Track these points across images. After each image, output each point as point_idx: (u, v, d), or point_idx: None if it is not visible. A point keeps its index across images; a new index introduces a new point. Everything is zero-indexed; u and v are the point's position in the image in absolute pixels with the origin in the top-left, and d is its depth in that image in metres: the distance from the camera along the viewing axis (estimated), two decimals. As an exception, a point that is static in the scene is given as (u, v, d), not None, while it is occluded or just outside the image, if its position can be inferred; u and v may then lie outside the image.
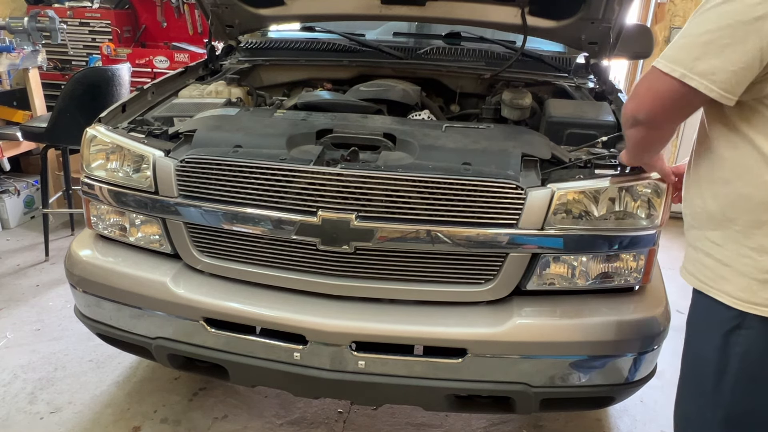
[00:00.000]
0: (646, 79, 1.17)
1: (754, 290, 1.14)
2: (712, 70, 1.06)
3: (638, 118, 1.20)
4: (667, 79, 1.11)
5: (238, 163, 1.65)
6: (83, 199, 1.97)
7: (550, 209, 1.59)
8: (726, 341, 1.20)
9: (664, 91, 1.13)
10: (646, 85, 1.17)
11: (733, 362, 1.20)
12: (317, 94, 2.39)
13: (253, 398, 2.41)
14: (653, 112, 1.17)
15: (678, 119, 1.21)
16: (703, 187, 1.24)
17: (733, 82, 1.07)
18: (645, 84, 1.17)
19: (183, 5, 4.88)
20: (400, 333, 1.65)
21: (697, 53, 1.07)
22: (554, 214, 1.60)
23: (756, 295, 1.15)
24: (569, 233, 1.61)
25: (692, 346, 1.33)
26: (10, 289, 3.27)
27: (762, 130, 1.12)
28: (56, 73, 4.75)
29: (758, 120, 1.12)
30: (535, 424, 2.32)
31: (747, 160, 1.14)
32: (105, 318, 1.90)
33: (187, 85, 2.43)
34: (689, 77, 1.08)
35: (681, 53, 1.10)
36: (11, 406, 2.33)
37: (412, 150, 1.70)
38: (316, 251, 1.67)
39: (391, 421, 2.31)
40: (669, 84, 1.11)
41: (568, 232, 1.61)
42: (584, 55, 2.66)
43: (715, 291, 1.21)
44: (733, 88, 1.08)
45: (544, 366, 1.66)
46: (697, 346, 1.30)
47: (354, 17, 2.71)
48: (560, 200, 1.59)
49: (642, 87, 1.18)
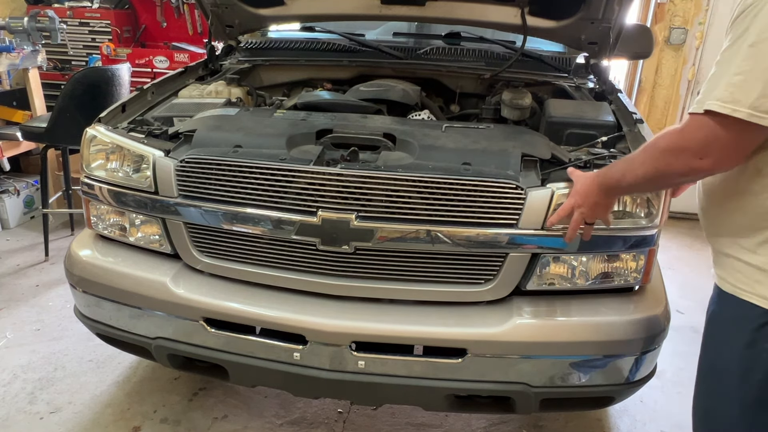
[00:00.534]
0: (701, 131, 1.11)
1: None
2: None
3: (715, 172, 1.19)
4: (728, 123, 1.07)
5: (238, 163, 1.65)
6: (83, 199, 1.97)
7: (550, 209, 1.59)
8: (755, 337, 1.20)
9: (730, 139, 1.09)
10: (711, 139, 1.10)
11: (763, 357, 1.20)
12: (317, 94, 2.39)
13: (253, 398, 2.41)
14: (729, 161, 1.14)
15: (743, 158, 1.17)
16: (736, 199, 1.24)
17: None
18: (707, 138, 1.11)
19: (183, 5, 4.88)
20: (400, 333, 1.65)
21: (761, 90, 1.03)
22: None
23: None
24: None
25: (717, 344, 1.33)
26: (10, 289, 3.27)
27: None
28: (56, 73, 4.75)
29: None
30: (535, 424, 2.32)
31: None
32: (105, 318, 1.91)
33: (187, 85, 2.43)
34: (757, 117, 1.04)
35: (738, 92, 1.05)
36: (11, 406, 2.33)
37: (412, 150, 1.70)
38: (316, 251, 1.67)
39: (391, 421, 2.31)
40: (731, 129, 1.07)
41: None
42: (584, 55, 2.66)
43: (749, 295, 1.21)
44: None
45: (544, 366, 1.66)
46: (723, 344, 1.30)
47: (354, 17, 2.71)
48: (560, 200, 1.59)
49: (709, 143, 1.11)
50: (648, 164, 1.25)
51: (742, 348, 1.22)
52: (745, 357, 1.22)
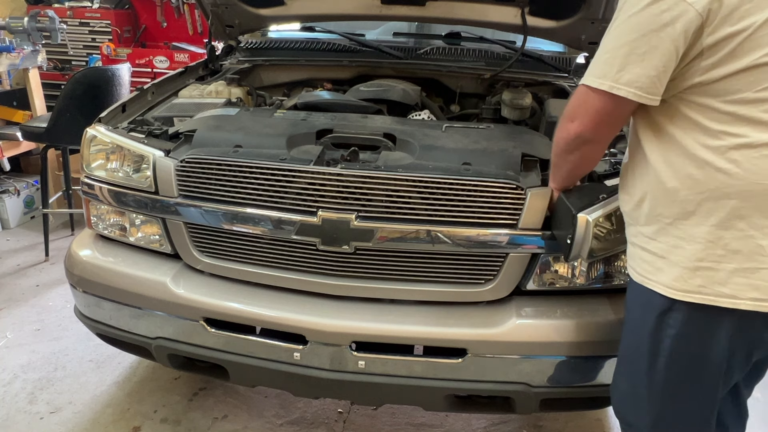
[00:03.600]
0: (577, 99, 1.25)
1: (686, 278, 1.21)
2: (636, 78, 1.15)
3: (586, 137, 1.27)
4: (598, 94, 1.20)
5: (238, 163, 1.65)
6: (83, 199, 1.97)
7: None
8: (658, 323, 1.28)
9: (599, 107, 1.21)
10: (581, 104, 1.24)
11: (665, 343, 1.28)
12: (317, 94, 2.39)
13: (253, 398, 2.41)
14: (597, 127, 1.25)
15: (617, 128, 1.29)
16: (636, 186, 1.31)
17: (657, 84, 1.16)
18: (579, 104, 1.25)
19: (183, 5, 4.88)
20: (400, 333, 1.65)
21: (619, 65, 1.16)
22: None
23: (687, 283, 1.21)
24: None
25: (629, 329, 1.41)
26: (10, 289, 3.27)
27: (682, 125, 1.19)
28: (56, 73, 4.75)
29: (679, 117, 1.20)
30: (535, 424, 2.32)
31: (671, 155, 1.21)
32: (105, 318, 1.90)
33: (187, 85, 2.43)
34: (617, 88, 1.17)
35: (605, 68, 1.18)
36: (11, 406, 2.33)
37: (412, 150, 1.70)
38: (316, 251, 1.67)
39: (391, 421, 2.31)
40: (600, 98, 1.20)
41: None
42: (584, 55, 2.66)
43: (652, 283, 1.27)
44: (657, 89, 1.16)
45: (544, 366, 1.66)
46: (634, 329, 1.37)
47: (354, 17, 2.71)
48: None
49: (577, 108, 1.25)
50: (554, 137, 1.37)
51: (649, 333, 1.30)
52: (651, 342, 1.31)
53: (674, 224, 1.22)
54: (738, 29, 1.08)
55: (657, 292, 1.26)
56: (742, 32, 1.08)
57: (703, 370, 1.28)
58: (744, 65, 1.10)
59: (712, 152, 1.15)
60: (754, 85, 1.10)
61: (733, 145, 1.13)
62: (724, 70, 1.11)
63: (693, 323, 1.24)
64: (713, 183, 1.16)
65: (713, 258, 1.18)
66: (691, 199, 1.19)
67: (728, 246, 1.17)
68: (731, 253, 1.17)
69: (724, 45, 1.10)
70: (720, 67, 1.12)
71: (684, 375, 1.30)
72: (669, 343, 1.28)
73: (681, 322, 1.25)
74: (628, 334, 1.42)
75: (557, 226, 1.55)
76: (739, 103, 1.12)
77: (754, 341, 1.26)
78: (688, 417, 1.35)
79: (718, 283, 1.19)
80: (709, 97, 1.15)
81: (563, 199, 1.50)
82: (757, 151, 1.12)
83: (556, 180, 1.52)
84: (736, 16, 1.08)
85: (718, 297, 1.19)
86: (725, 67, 1.11)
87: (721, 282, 1.18)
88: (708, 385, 1.30)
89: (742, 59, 1.10)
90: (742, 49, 1.09)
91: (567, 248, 1.46)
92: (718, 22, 1.09)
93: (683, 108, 1.18)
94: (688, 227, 1.20)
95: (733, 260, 1.17)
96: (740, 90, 1.11)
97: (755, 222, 1.15)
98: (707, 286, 1.19)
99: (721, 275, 1.18)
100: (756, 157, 1.12)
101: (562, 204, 1.50)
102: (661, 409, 1.35)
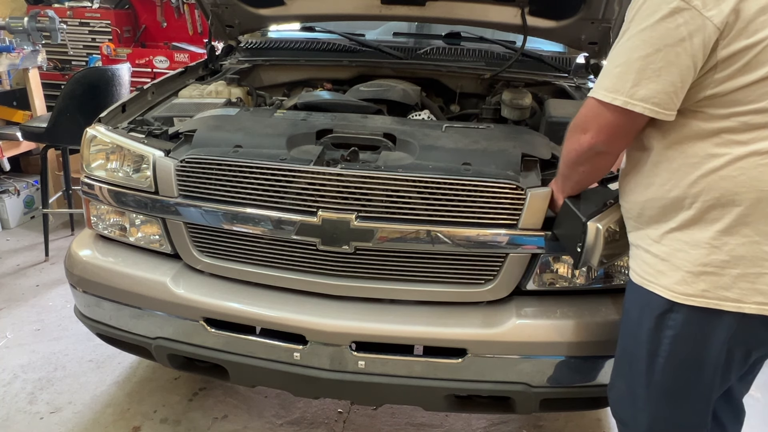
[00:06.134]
0: (590, 111, 1.24)
1: (689, 282, 1.21)
2: (653, 94, 1.13)
3: (599, 149, 1.27)
4: (610, 108, 1.18)
5: (238, 163, 1.65)
6: (83, 199, 1.97)
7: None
8: (657, 324, 1.28)
9: (611, 120, 1.20)
10: (594, 117, 1.23)
11: (664, 344, 1.29)
12: (317, 94, 2.39)
13: (253, 398, 2.41)
14: (610, 140, 1.24)
15: (631, 139, 1.28)
16: (640, 192, 1.30)
17: (675, 99, 1.14)
18: (591, 116, 1.24)
19: (183, 5, 4.88)
20: (400, 333, 1.65)
21: (633, 80, 1.14)
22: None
23: (691, 287, 1.21)
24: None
25: (628, 330, 1.41)
26: (10, 289, 3.27)
27: (690, 134, 1.19)
28: (56, 73, 4.75)
29: (687, 126, 1.19)
30: (535, 424, 2.32)
31: (678, 162, 1.21)
32: (105, 318, 1.91)
33: (187, 85, 2.43)
34: (632, 104, 1.15)
35: (618, 82, 1.16)
36: (11, 406, 2.33)
37: (412, 150, 1.70)
38: (316, 251, 1.67)
39: (391, 421, 2.31)
40: (614, 113, 1.19)
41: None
42: (584, 55, 2.66)
43: (654, 286, 1.27)
44: (674, 105, 1.15)
45: (544, 366, 1.66)
46: (633, 330, 1.37)
47: (354, 17, 2.71)
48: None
49: (590, 120, 1.25)
50: (564, 147, 1.37)
51: (647, 334, 1.31)
52: (649, 342, 1.31)
53: (680, 229, 1.22)
54: (754, 41, 1.07)
55: (659, 294, 1.25)
56: (757, 44, 1.07)
57: (701, 370, 1.29)
58: (758, 77, 1.09)
59: (719, 160, 1.15)
60: (766, 96, 1.10)
61: (741, 153, 1.13)
62: (737, 82, 1.11)
63: (692, 324, 1.24)
64: (720, 190, 1.16)
65: (718, 263, 1.18)
66: (698, 206, 1.18)
67: (733, 251, 1.17)
68: (736, 258, 1.17)
69: (739, 58, 1.09)
70: (734, 80, 1.11)
71: (682, 375, 1.31)
72: (668, 344, 1.28)
73: (680, 323, 1.25)
74: (626, 335, 1.42)
75: (562, 230, 1.54)
76: (750, 113, 1.11)
77: (753, 342, 1.27)
78: (685, 417, 1.35)
79: (723, 287, 1.18)
80: (720, 107, 1.14)
81: (569, 205, 1.47)
82: (764, 159, 1.12)
83: (564, 190, 1.51)
84: (752, 28, 1.07)
85: (722, 301, 1.19)
86: (739, 80, 1.10)
87: (726, 287, 1.18)
88: (705, 385, 1.31)
89: (757, 71, 1.09)
90: (758, 61, 1.08)
91: (577, 256, 1.45)
92: (734, 35, 1.08)
93: (692, 117, 1.18)
94: (693, 232, 1.20)
95: (738, 265, 1.17)
96: (753, 101, 1.11)
97: (761, 228, 1.15)
98: (711, 291, 1.19)
99: (725, 280, 1.18)
100: (763, 164, 1.12)
101: (569, 210, 1.48)
102: (658, 408, 1.36)
